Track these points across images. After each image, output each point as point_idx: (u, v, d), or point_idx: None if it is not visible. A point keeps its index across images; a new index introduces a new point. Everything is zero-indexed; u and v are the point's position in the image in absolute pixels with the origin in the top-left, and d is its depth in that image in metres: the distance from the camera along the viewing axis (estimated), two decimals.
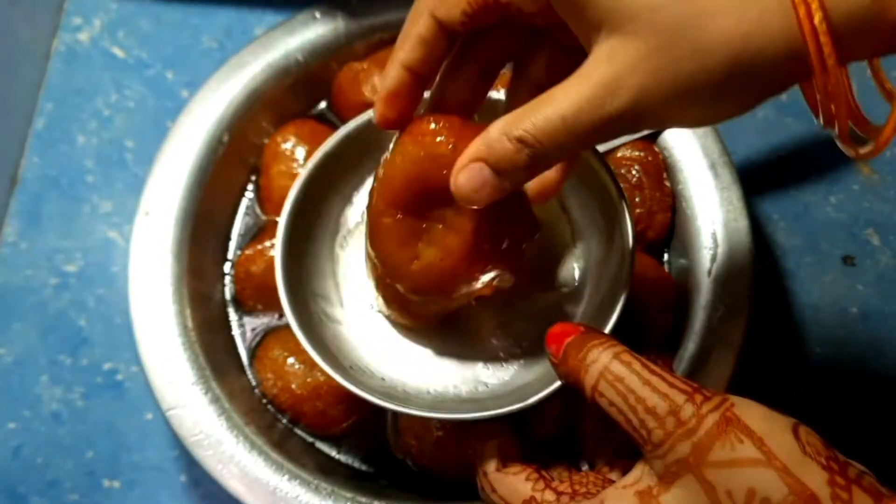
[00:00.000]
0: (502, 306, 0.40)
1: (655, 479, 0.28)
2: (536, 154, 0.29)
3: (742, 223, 0.47)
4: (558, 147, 0.28)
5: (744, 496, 0.25)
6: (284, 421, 0.48)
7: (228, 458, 0.44)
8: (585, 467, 0.36)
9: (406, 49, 0.32)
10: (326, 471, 0.46)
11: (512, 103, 0.33)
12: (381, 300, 0.39)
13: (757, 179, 0.55)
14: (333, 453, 0.48)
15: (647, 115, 0.27)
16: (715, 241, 0.47)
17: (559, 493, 0.31)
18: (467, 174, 0.30)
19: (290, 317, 0.38)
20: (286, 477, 0.44)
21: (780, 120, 0.57)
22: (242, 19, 0.60)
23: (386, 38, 0.53)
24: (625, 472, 0.30)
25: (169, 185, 0.49)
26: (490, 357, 0.39)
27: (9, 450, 0.51)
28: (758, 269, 0.46)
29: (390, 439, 0.48)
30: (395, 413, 0.48)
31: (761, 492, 0.25)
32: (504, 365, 0.39)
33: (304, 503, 0.43)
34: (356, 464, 0.48)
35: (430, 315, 0.38)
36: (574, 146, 0.28)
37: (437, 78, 0.34)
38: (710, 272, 0.46)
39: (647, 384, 0.28)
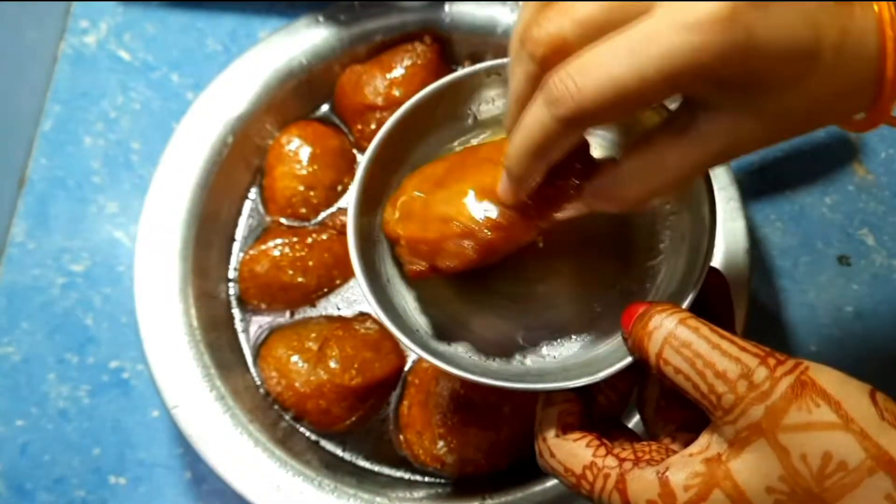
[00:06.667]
0: (576, 278, 0.38)
1: (725, 445, 0.27)
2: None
3: (738, 223, 0.47)
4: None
5: (819, 460, 0.25)
6: (288, 418, 0.48)
7: (233, 454, 0.44)
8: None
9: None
10: (330, 467, 0.46)
11: None
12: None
13: (753, 180, 0.56)
14: (338, 451, 0.48)
15: None
16: None
17: (622, 460, 0.29)
18: None
19: (361, 281, 0.35)
20: (290, 473, 0.44)
21: None
22: (246, 23, 0.61)
23: (387, 41, 0.53)
24: (688, 444, 0.29)
25: (174, 186, 0.50)
26: (557, 330, 0.38)
27: (17, 447, 0.52)
28: (754, 268, 0.47)
29: (392, 436, 0.48)
30: (396, 411, 0.49)
31: (838, 455, 0.25)
32: (572, 338, 0.38)
33: (308, 500, 0.44)
34: (359, 461, 0.48)
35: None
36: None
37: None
38: None
39: (716, 348, 0.27)
